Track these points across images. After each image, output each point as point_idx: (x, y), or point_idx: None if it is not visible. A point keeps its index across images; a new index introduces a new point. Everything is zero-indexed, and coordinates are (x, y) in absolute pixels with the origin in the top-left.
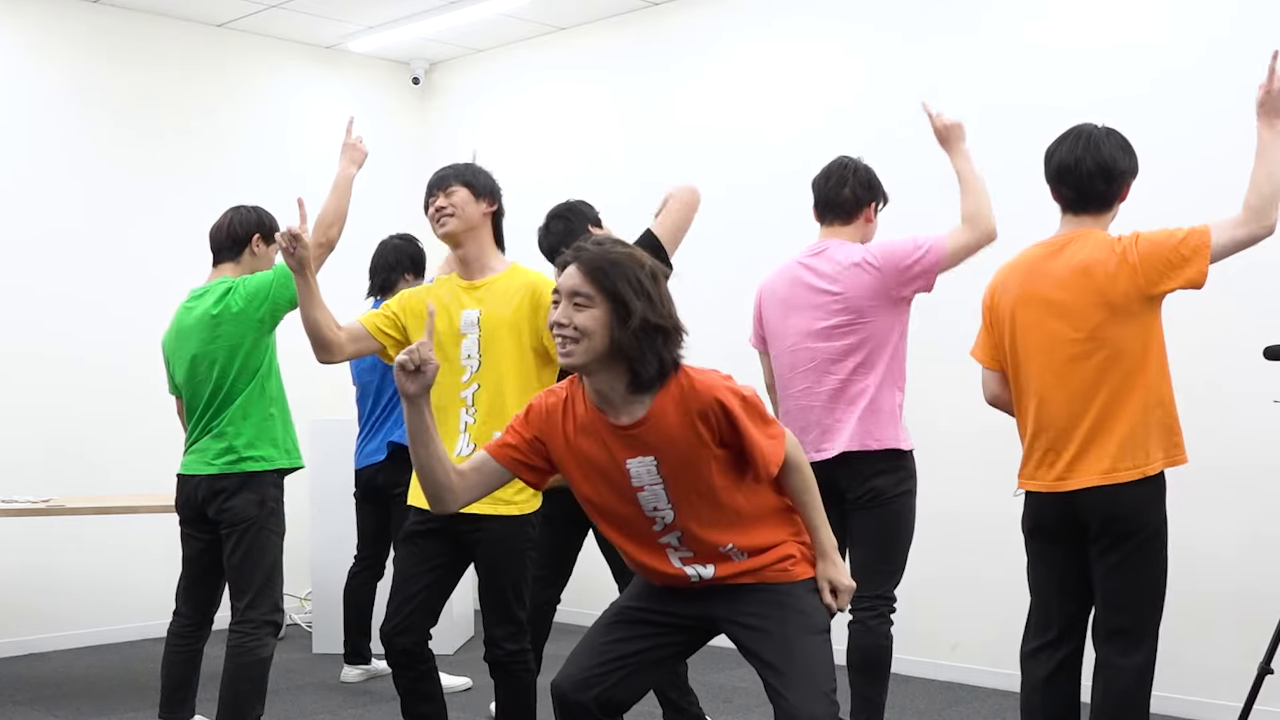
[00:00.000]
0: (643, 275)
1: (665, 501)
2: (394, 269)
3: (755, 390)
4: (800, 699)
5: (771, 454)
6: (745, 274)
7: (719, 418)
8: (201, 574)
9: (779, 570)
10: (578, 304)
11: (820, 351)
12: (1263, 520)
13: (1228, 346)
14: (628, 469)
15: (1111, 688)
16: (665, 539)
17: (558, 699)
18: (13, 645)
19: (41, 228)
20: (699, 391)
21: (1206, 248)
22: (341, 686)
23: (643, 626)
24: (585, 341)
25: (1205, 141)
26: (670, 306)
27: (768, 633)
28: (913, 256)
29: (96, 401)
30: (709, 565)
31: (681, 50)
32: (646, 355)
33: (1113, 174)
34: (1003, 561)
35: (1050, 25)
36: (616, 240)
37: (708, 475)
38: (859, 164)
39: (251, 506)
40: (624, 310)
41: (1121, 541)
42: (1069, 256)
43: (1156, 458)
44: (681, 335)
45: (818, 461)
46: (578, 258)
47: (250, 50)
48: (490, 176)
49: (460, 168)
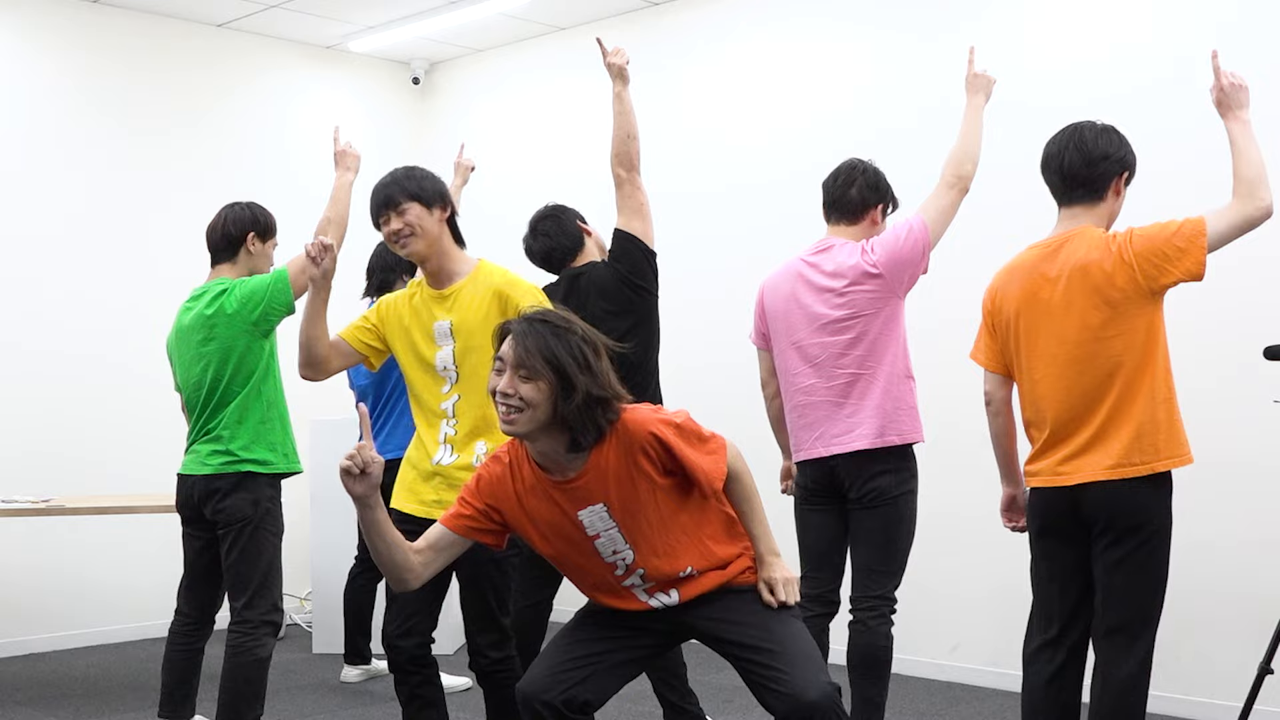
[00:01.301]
0: (586, 350)
1: (623, 543)
2: (392, 269)
3: (687, 414)
4: (801, 676)
5: (714, 470)
6: (746, 273)
7: (657, 450)
8: (202, 574)
9: (742, 579)
10: (524, 376)
11: (825, 347)
12: (1263, 520)
13: (1228, 346)
14: (580, 521)
15: (1109, 685)
16: (629, 581)
17: (521, 701)
18: (13, 645)
19: (41, 227)
20: (633, 431)
21: (1202, 236)
22: (341, 686)
23: (610, 629)
24: (529, 412)
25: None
26: (609, 376)
27: (746, 623)
28: (905, 243)
29: (97, 401)
30: (672, 591)
31: (681, 50)
32: (587, 426)
33: (1093, 159)
34: (1003, 561)
35: (1050, 25)
36: (560, 311)
37: (657, 506)
38: (869, 166)
39: (246, 506)
40: (568, 385)
41: (1126, 538)
42: (1065, 257)
43: (1164, 455)
44: (619, 403)
45: (822, 458)
46: (524, 330)
47: (250, 50)
48: (433, 178)
49: (401, 178)
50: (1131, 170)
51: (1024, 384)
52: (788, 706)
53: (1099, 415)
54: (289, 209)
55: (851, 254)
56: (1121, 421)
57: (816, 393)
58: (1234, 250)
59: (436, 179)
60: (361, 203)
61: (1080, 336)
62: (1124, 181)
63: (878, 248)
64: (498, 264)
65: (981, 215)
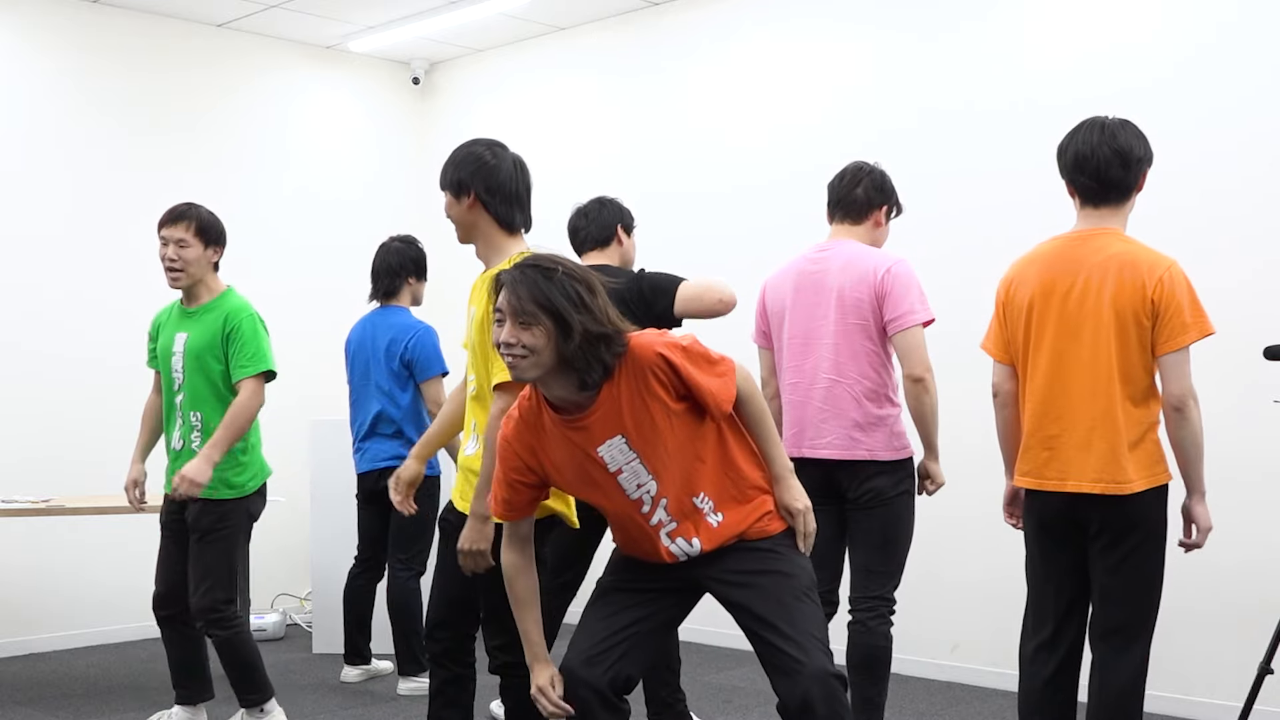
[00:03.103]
0: (580, 289)
1: (645, 474)
2: (397, 274)
3: (694, 337)
4: (803, 652)
5: (722, 392)
6: (746, 274)
7: (666, 373)
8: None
9: (757, 530)
10: (523, 323)
11: (819, 349)
12: (1263, 520)
13: (1228, 346)
14: (601, 458)
15: (1107, 686)
16: (655, 518)
17: (568, 685)
18: (13, 645)
19: (41, 227)
20: (641, 355)
21: (1186, 364)
22: (341, 686)
23: (632, 595)
24: (533, 357)
25: (1204, 140)
26: (609, 311)
27: (758, 588)
28: (896, 309)
29: (97, 402)
30: (694, 540)
31: (681, 50)
32: (591, 363)
33: (1129, 160)
34: (1003, 562)
35: (1051, 26)
36: (552, 256)
37: (674, 431)
38: (875, 168)
39: None
40: (565, 326)
41: (1122, 540)
42: (1089, 255)
43: (1162, 468)
44: (624, 336)
45: (816, 459)
46: (515, 278)
47: (250, 50)
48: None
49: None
50: (1152, 164)
51: (1026, 375)
52: (789, 690)
53: (1097, 417)
54: (289, 209)
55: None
56: (1121, 427)
57: (808, 393)
58: (1234, 250)
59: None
60: (362, 204)
61: (1090, 337)
62: (1146, 177)
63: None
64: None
65: (982, 216)
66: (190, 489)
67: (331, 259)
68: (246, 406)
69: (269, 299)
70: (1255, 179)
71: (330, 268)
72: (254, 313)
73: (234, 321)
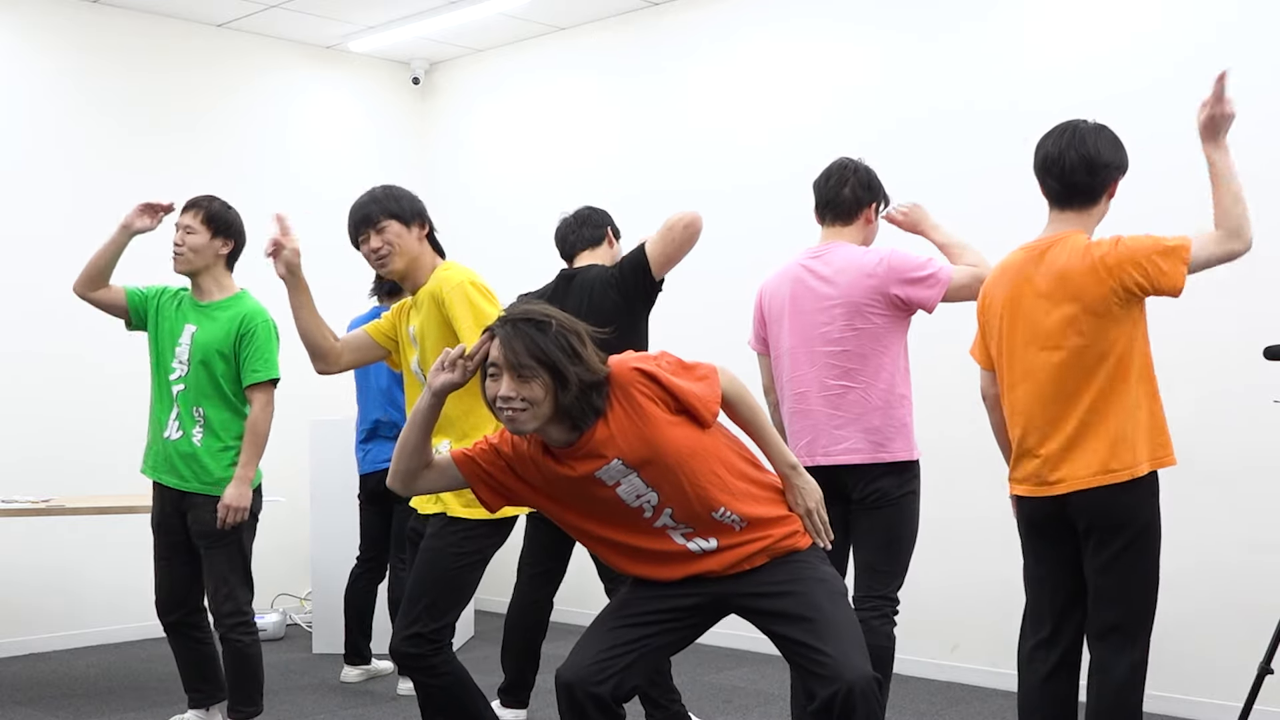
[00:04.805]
0: (573, 340)
1: (644, 487)
2: None
3: (666, 352)
4: (843, 654)
5: (707, 394)
6: (745, 275)
7: (650, 386)
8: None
9: (786, 545)
10: (521, 377)
11: (821, 354)
12: (1263, 520)
13: (1228, 346)
14: (598, 476)
15: (1105, 685)
16: (660, 521)
17: (563, 688)
18: (13, 645)
19: (40, 227)
20: (621, 377)
21: (1186, 257)
22: (341, 686)
23: (652, 610)
24: (532, 409)
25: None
26: (594, 359)
27: (792, 594)
28: (918, 269)
29: (97, 402)
30: (711, 538)
31: (681, 50)
32: (586, 410)
33: (1095, 166)
34: (1003, 562)
35: (1051, 26)
36: (540, 306)
37: (669, 447)
38: (859, 164)
39: None
40: (562, 378)
41: (1111, 539)
42: (1050, 262)
43: (1143, 459)
44: (608, 379)
45: (821, 466)
46: (509, 333)
47: (250, 50)
48: (411, 196)
49: (380, 197)
50: (1125, 172)
51: (1004, 387)
52: (830, 693)
53: (1074, 421)
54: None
55: (852, 254)
56: (1099, 427)
57: (809, 400)
58: None
59: (414, 197)
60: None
61: (1057, 342)
62: (1117, 184)
63: (888, 251)
64: (459, 265)
65: (982, 216)
66: (235, 515)
67: (331, 259)
68: (264, 417)
69: (268, 299)
70: (1255, 179)
71: (330, 268)
72: (269, 319)
73: (250, 325)
